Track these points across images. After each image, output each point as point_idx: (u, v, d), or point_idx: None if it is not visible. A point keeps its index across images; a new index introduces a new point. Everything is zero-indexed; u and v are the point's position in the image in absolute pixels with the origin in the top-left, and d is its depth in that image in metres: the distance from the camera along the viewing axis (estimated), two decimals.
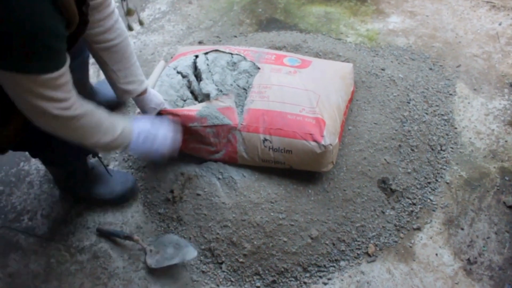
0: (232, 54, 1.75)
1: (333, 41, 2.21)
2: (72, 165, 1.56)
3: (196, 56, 1.76)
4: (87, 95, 1.76)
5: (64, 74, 1.02)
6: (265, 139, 1.50)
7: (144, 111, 1.54)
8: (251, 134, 1.52)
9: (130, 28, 1.64)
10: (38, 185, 1.78)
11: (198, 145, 1.61)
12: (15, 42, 0.88)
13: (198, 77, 1.71)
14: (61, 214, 1.68)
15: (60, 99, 1.03)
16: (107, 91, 1.84)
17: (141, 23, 2.33)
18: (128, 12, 1.59)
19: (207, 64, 1.71)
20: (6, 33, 0.86)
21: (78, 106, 1.10)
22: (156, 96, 1.54)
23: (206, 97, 1.61)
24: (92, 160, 1.69)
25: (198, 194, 1.56)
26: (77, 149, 1.29)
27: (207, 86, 1.63)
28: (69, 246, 1.60)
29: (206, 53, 1.76)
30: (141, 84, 1.44)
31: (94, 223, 1.64)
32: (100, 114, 1.19)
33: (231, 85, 1.63)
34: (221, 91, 1.61)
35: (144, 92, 1.47)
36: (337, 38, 2.24)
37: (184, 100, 1.67)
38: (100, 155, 1.61)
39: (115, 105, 1.96)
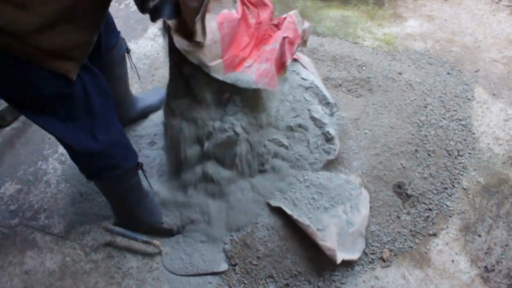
0: None
1: (350, 45, 2.20)
2: (124, 172, 1.38)
3: None
4: (128, 100, 1.79)
5: None
6: None
7: None
8: None
9: None
10: (55, 184, 1.80)
11: None
12: None
13: None
14: (77, 214, 1.70)
15: None
16: (147, 99, 1.91)
17: None
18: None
19: None
20: None
21: None
22: None
23: None
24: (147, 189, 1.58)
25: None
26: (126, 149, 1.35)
27: None
28: (84, 245, 1.61)
29: None
30: None
31: (109, 222, 1.65)
32: None
33: None
34: None
35: None
36: (354, 42, 2.23)
37: None
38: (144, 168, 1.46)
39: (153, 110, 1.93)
